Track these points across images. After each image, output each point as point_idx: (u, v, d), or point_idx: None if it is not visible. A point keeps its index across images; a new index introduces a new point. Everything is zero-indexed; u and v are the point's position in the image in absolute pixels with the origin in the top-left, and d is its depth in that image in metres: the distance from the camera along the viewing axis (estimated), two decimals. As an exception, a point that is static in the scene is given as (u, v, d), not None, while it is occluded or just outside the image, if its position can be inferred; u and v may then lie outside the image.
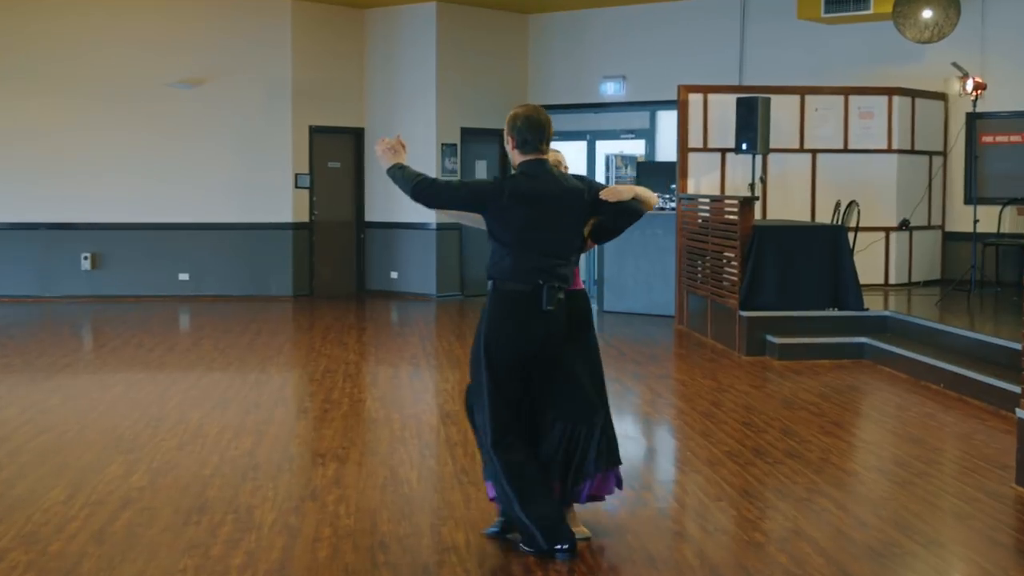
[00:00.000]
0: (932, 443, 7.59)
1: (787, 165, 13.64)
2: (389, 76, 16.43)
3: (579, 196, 5.22)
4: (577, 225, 5.26)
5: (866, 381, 9.85)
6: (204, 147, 15.75)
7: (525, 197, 5.13)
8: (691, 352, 11.41)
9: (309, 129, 16.06)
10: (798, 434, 7.65)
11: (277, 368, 10.47)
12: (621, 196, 5.25)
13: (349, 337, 12.37)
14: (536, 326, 5.14)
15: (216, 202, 15.80)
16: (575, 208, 5.22)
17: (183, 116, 15.69)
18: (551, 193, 5.17)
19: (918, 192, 13.95)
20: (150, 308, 14.82)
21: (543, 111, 5.28)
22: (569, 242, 5.23)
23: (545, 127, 5.21)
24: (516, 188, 5.15)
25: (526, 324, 5.15)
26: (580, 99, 16.69)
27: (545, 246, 5.15)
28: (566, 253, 5.22)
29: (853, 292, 11.18)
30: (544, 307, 5.10)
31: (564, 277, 5.19)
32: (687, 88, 13.51)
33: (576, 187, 5.24)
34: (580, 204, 5.22)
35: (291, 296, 15.96)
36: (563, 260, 5.20)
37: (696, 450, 7.23)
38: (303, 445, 7.46)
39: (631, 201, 5.27)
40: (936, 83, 14.15)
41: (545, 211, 5.14)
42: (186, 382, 9.62)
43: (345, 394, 9.05)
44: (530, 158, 5.23)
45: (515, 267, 5.14)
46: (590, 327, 5.46)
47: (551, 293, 5.11)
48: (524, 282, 5.13)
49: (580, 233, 5.29)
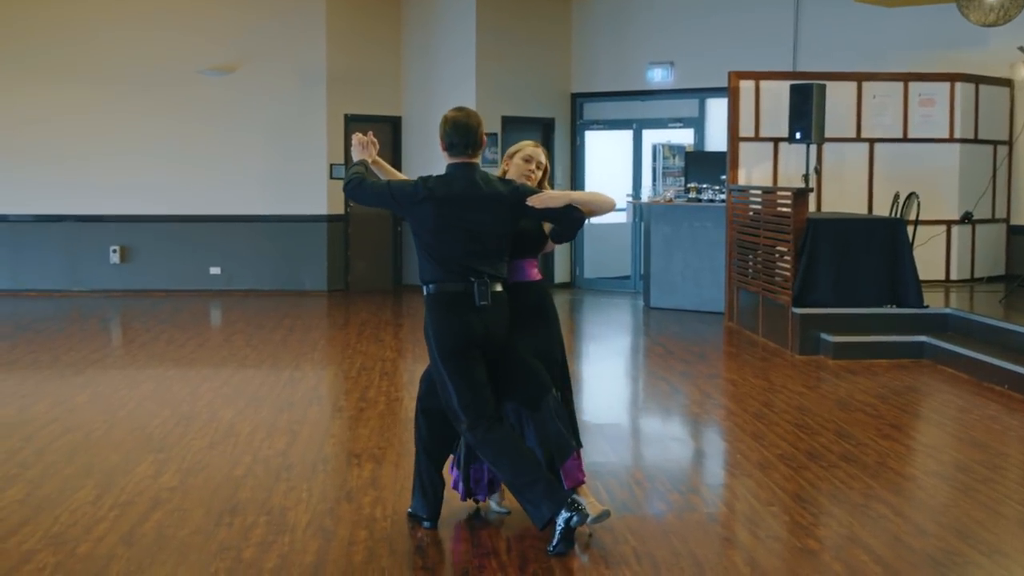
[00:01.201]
0: (996, 447, 7.53)
1: (843, 155, 13.57)
2: (427, 63, 16.47)
3: (496, 200, 5.46)
4: (498, 227, 5.47)
5: (926, 382, 9.78)
6: (236, 136, 15.85)
7: (437, 199, 5.42)
8: (741, 351, 11.37)
9: (344, 118, 16.11)
10: (854, 437, 7.61)
11: (311, 365, 10.51)
12: (548, 204, 5.49)
13: (385, 333, 12.41)
14: (474, 321, 5.39)
15: (248, 193, 15.89)
16: (491, 212, 5.44)
17: (215, 104, 15.80)
18: (465, 196, 5.43)
19: (981, 183, 13.84)
20: (180, 302, 14.93)
21: (475, 116, 5.56)
22: (493, 244, 5.47)
23: (472, 132, 5.48)
24: (431, 190, 5.44)
25: (465, 320, 5.39)
26: (626, 86, 16.66)
27: (466, 246, 5.41)
28: (492, 254, 5.47)
29: (912, 288, 11.10)
30: (478, 303, 5.39)
31: (495, 274, 5.46)
32: (738, 74, 13.46)
33: (495, 192, 5.47)
34: (498, 208, 5.45)
35: (325, 291, 16.02)
36: (490, 259, 5.46)
37: (747, 453, 7.21)
38: (338, 445, 7.49)
39: (564, 208, 5.49)
40: (1001, 68, 14.04)
41: (458, 213, 5.40)
42: (217, 379, 9.68)
43: (381, 392, 9.07)
44: (456, 161, 5.52)
45: (443, 268, 5.44)
46: (545, 316, 5.73)
47: (482, 289, 5.39)
48: (455, 281, 5.42)
49: (504, 235, 5.50)
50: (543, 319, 5.74)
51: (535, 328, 5.67)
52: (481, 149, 5.54)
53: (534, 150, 5.84)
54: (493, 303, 5.42)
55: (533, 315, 5.69)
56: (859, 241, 11.22)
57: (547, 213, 5.52)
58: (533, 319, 5.68)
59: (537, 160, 5.83)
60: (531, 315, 5.67)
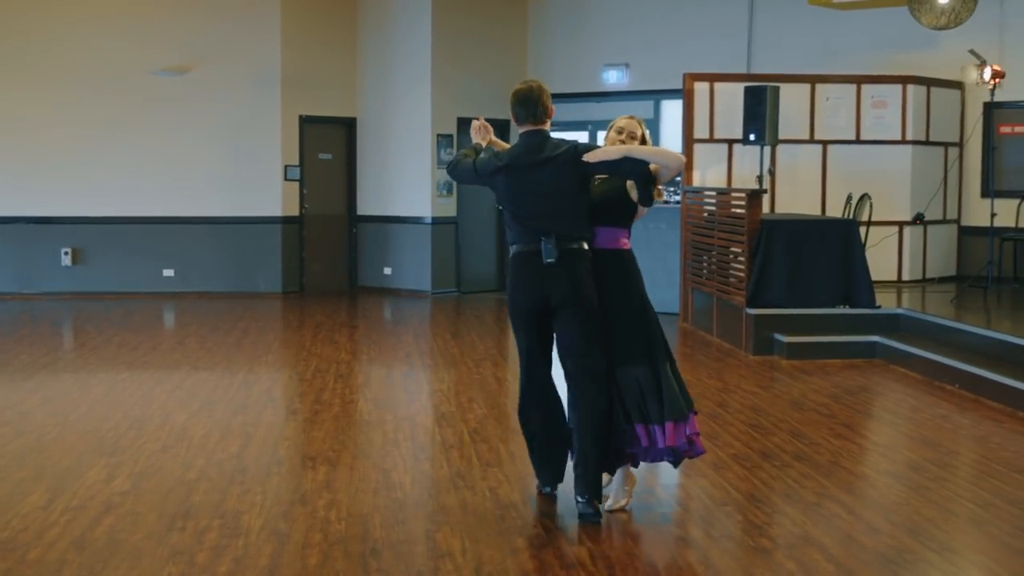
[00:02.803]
0: (947, 446, 7.60)
1: (797, 157, 13.65)
2: (382, 64, 16.43)
3: (556, 161, 5.79)
4: (563, 186, 5.78)
5: (878, 382, 9.86)
6: (190, 138, 15.75)
7: (506, 168, 5.89)
8: (696, 351, 11.41)
9: (299, 119, 16.06)
10: (807, 436, 7.65)
11: (265, 368, 10.47)
12: (602, 157, 5.76)
13: (340, 335, 12.38)
14: (539, 281, 5.77)
15: (202, 195, 15.80)
16: (553, 172, 5.79)
17: (168, 105, 15.69)
18: (529, 161, 5.83)
19: (933, 185, 13.95)
20: (133, 305, 14.82)
21: (537, 85, 5.93)
22: (567, 204, 5.80)
23: (532, 101, 5.86)
24: (502, 160, 5.91)
25: (531, 280, 5.80)
26: (581, 88, 16.69)
27: (536, 208, 5.81)
28: (564, 214, 5.80)
29: (865, 289, 11.18)
30: (545, 260, 5.73)
31: (570, 234, 5.77)
32: (693, 76, 13.51)
33: (555, 153, 5.80)
34: (559, 168, 5.78)
35: (280, 293, 15.96)
36: (565, 219, 5.79)
37: (701, 453, 7.24)
38: (292, 448, 7.46)
39: (620, 160, 5.73)
40: (952, 71, 14.16)
41: (524, 177, 5.84)
42: (170, 382, 9.62)
43: (336, 395, 9.05)
44: (524, 129, 5.93)
45: (518, 230, 5.86)
46: (628, 284, 5.93)
47: (549, 247, 5.72)
48: (526, 242, 5.82)
49: (572, 194, 5.80)
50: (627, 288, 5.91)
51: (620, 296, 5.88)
52: (548, 116, 5.88)
53: (627, 121, 6.02)
54: (562, 261, 5.72)
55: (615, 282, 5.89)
56: (812, 242, 11.29)
57: (604, 166, 5.77)
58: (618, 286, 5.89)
59: (630, 131, 5.98)
60: (618, 282, 5.90)
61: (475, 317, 13.88)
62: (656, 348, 5.91)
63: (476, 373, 9.99)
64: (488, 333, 12.57)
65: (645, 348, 5.87)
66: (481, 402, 8.73)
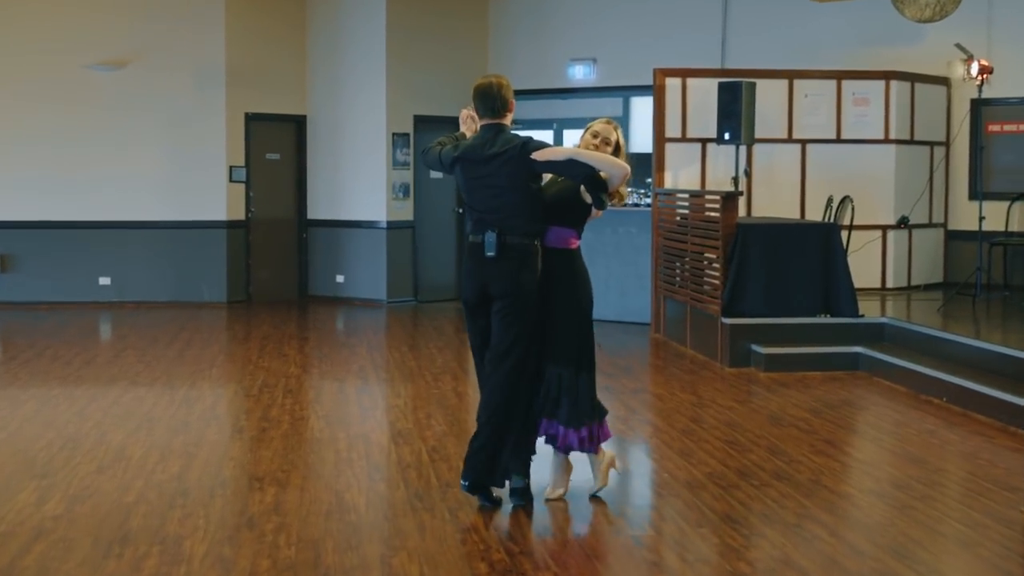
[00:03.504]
0: (934, 463, 7.63)
1: (774, 157, 13.70)
2: (334, 60, 16.40)
3: (507, 156, 6.28)
4: (513, 181, 6.28)
5: (861, 395, 9.90)
6: (128, 136, 15.66)
7: (462, 159, 6.43)
8: (669, 363, 11.43)
9: (245, 117, 16.01)
10: (787, 453, 7.68)
11: (209, 383, 10.42)
12: (549, 156, 6.26)
13: (290, 348, 12.34)
14: (484, 270, 6.31)
15: (141, 198, 15.71)
16: (504, 167, 6.28)
17: (104, 102, 15.60)
18: (483, 154, 6.34)
19: (918, 186, 14.04)
20: (67, 316, 14.72)
21: (497, 80, 6.41)
22: (514, 200, 6.31)
23: (491, 95, 6.36)
24: (461, 152, 6.44)
25: (474, 270, 6.37)
26: (545, 84, 16.69)
27: (487, 202, 6.34)
28: (512, 209, 6.31)
29: (847, 297, 11.23)
30: (485, 253, 6.27)
31: (514, 229, 6.27)
32: (664, 72, 13.54)
33: (507, 148, 6.30)
34: (509, 164, 6.27)
35: (225, 303, 15.89)
36: (511, 214, 6.30)
37: (674, 472, 7.24)
38: (238, 468, 7.42)
39: (566, 161, 6.25)
40: (938, 66, 14.25)
41: (479, 171, 6.36)
42: (107, 399, 9.56)
43: (285, 411, 9.01)
44: (484, 123, 6.44)
45: (472, 220, 6.43)
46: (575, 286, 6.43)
47: (490, 240, 6.25)
48: (475, 233, 6.37)
49: (521, 190, 6.30)
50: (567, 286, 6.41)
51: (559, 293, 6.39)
52: (508, 111, 6.38)
53: (603, 126, 6.63)
54: (502, 255, 6.25)
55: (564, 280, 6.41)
56: (791, 247, 11.33)
57: (550, 166, 6.28)
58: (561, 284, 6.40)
59: (604, 136, 6.57)
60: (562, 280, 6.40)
61: (434, 328, 13.87)
62: (584, 355, 6.44)
63: (435, 387, 9.98)
64: (448, 345, 12.55)
65: (576, 352, 6.41)
66: (440, 418, 8.72)
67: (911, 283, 14.10)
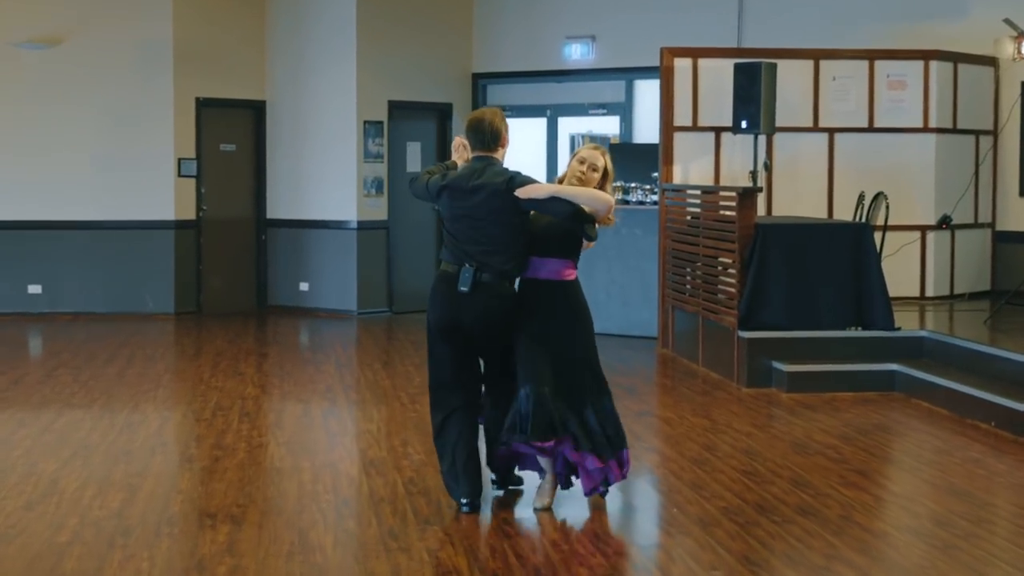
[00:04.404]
0: (980, 496, 7.63)
1: (798, 148, 13.72)
2: (298, 39, 16.38)
3: (493, 191, 6.93)
4: (499, 216, 6.94)
5: (897, 419, 9.91)
6: (61, 125, 15.65)
7: (450, 189, 7.07)
8: (678, 383, 11.43)
9: (196, 102, 16.00)
10: (813, 486, 7.68)
11: (154, 405, 10.40)
12: (531, 194, 6.90)
13: (247, 365, 12.33)
14: (454, 303, 6.99)
15: (76, 196, 15.70)
16: (489, 201, 6.94)
17: (34, 85, 15.59)
18: (469, 186, 6.98)
19: (962, 181, 14.05)
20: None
21: (490, 114, 7.15)
22: (494, 233, 6.96)
23: (482, 130, 7.06)
24: (448, 182, 7.09)
25: (445, 300, 7.03)
26: (538, 66, 16.72)
27: (470, 233, 6.99)
28: (496, 244, 6.96)
29: (881, 307, 11.24)
30: (459, 287, 6.92)
31: (492, 266, 6.94)
32: (672, 51, 13.56)
33: (494, 182, 6.95)
34: (494, 198, 6.93)
35: (172, 314, 15.87)
36: (491, 249, 6.95)
37: (685, 507, 7.24)
38: (187, 503, 7.40)
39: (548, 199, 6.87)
40: (984, 44, 14.25)
41: (464, 201, 7.00)
42: (37, 424, 9.54)
43: (241, 438, 9.00)
44: (476, 154, 7.12)
45: (448, 250, 7.09)
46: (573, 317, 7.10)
47: (466, 276, 6.91)
48: (449, 262, 7.04)
49: (506, 225, 6.96)
50: (566, 320, 7.09)
51: (558, 327, 7.05)
52: (499, 144, 7.09)
53: (590, 152, 7.16)
54: (475, 290, 6.91)
55: (561, 314, 7.08)
56: (818, 251, 11.33)
57: (532, 204, 6.89)
58: (559, 318, 7.07)
59: (591, 163, 7.08)
60: (559, 314, 7.07)
61: (411, 342, 13.85)
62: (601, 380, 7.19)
63: (412, 410, 9.97)
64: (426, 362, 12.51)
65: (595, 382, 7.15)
66: (418, 445, 8.70)
67: (954, 291, 14.12)
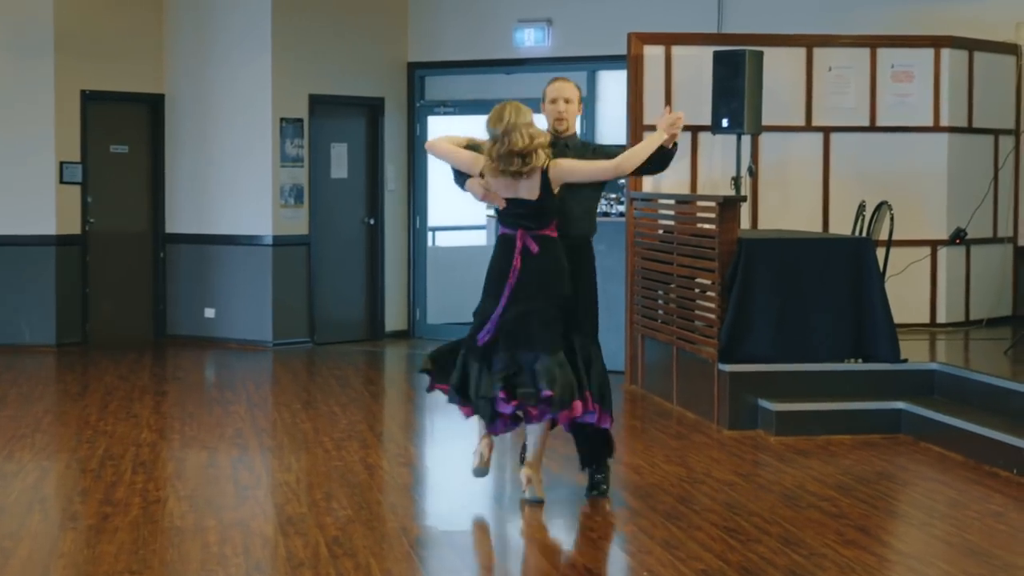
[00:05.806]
0: (1001, 556, 7.68)
1: (788, 150, 13.79)
2: (201, 25, 16.38)
3: None
4: None
5: (904, 466, 9.96)
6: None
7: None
8: (648, 424, 11.46)
9: (81, 96, 15.99)
10: (806, 544, 7.71)
11: (31, 453, 10.35)
12: None
13: (142, 406, 12.29)
14: None
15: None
16: None
17: None
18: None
19: (979, 189, 14.13)
20: None
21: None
22: None
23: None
24: None
25: None
26: (485, 54, 16.76)
27: None
28: None
29: (884, 335, 11.29)
30: None
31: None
32: (641, 38, 13.60)
33: None
34: None
35: (54, 345, 15.84)
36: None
37: (657, 569, 7.26)
38: (71, 569, 7.38)
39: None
40: (1005, 30, 14.36)
41: None
42: None
43: (136, 492, 8.97)
44: None
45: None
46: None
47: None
48: None
49: None
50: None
51: None
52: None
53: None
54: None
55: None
56: (811, 270, 11.37)
57: None
58: None
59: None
60: None
61: (336, 378, 13.84)
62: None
63: (337, 459, 9.96)
64: (354, 401, 12.54)
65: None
66: (344, 500, 8.69)
67: (969, 317, 14.20)
